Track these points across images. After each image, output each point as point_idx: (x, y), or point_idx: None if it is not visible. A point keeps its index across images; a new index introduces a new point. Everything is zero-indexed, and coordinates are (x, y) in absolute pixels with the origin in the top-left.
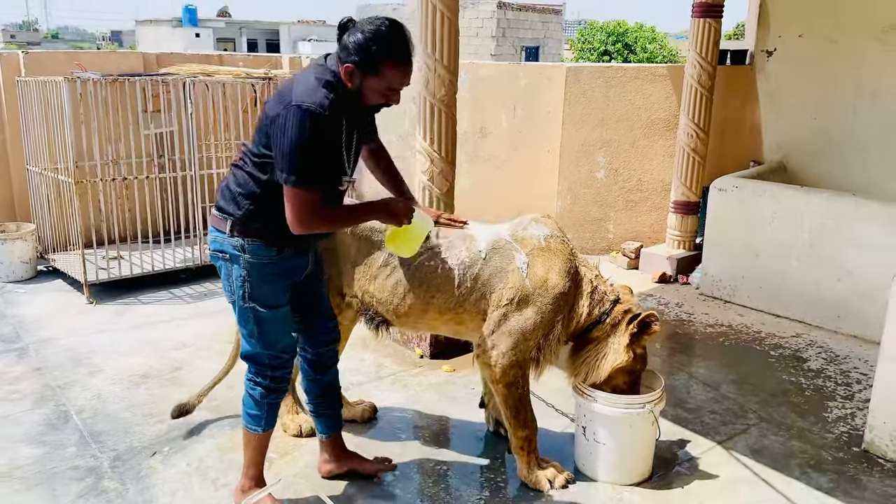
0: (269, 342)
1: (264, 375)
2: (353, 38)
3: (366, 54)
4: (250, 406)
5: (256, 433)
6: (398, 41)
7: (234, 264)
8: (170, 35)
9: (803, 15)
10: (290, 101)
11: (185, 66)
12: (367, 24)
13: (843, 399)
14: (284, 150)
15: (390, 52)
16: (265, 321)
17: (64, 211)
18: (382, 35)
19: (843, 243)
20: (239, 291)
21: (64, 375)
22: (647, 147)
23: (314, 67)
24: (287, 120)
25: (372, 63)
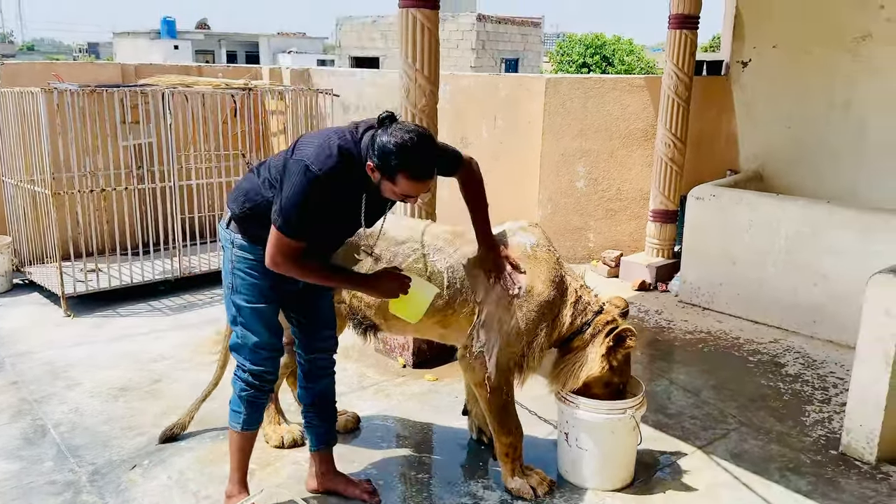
0: (248, 334)
1: (243, 369)
2: (382, 140)
3: (387, 162)
4: (233, 402)
5: (235, 430)
6: (420, 159)
7: (226, 254)
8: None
9: (777, 26)
10: (303, 153)
11: (164, 77)
12: (399, 131)
13: (821, 403)
14: (282, 199)
15: (409, 168)
16: (245, 313)
17: (41, 223)
18: (406, 150)
19: (819, 250)
20: (227, 279)
21: (41, 389)
22: (626, 157)
23: (347, 131)
24: (294, 174)
25: (390, 172)
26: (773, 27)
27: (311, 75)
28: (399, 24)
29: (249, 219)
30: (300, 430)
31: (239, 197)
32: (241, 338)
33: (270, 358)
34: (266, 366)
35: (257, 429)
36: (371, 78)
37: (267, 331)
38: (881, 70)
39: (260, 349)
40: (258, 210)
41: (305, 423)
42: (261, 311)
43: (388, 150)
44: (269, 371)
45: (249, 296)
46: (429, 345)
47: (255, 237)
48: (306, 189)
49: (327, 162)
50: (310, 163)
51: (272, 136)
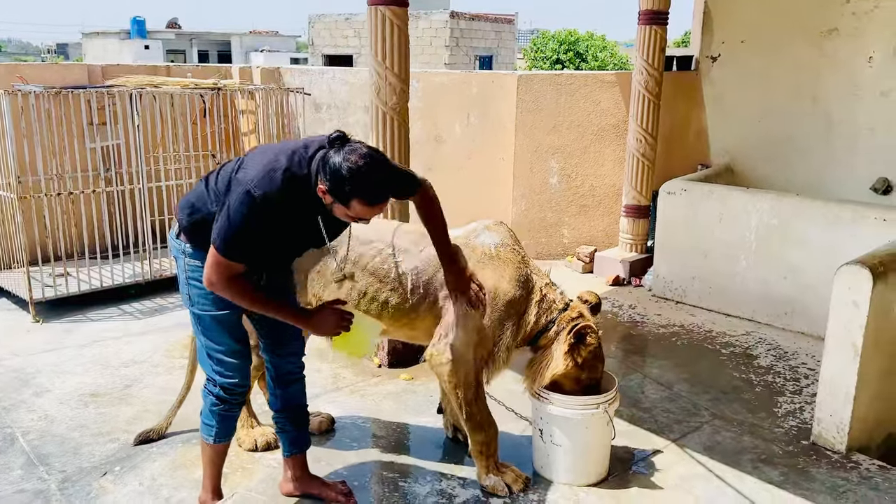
0: (211, 345)
1: (214, 383)
2: (334, 164)
3: (339, 187)
4: (205, 415)
5: (208, 443)
6: (373, 183)
7: (179, 265)
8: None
9: (746, 21)
10: (247, 174)
11: (132, 77)
12: (350, 153)
13: (792, 394)
14: (223, 221)
15: (362, 193)
16: (206, 323)
17: (7, 227)
18: (360, 176)
19: (789, 242)
20: (184, 291)
21: (8, 397)
22: (599, 153)
23: (297, 151)
24: (235, 196)
25: (343, 197)
26: (741, 22)
27: (281, 74)
28: (368, 21)
29: (197, 229)
30: (273, 433)
31: (185, 207)
32: (206, 349)
33: (239, 367)
34: (236, 377)
35: (230, 440)
36: (342, 76)
37: (231, 338)
38: (846, 64)
39: (227, 357)
40: (205, 222)
41: (277, 428)
42: (222, 318)
43: (340, 175)
44: (240, 383)
45: (208, 305)
46: (404, 345)
47: (205, 246)
48: (245, 213)
49: (270, 186)
50: (251, 187)
51: (243, 136)
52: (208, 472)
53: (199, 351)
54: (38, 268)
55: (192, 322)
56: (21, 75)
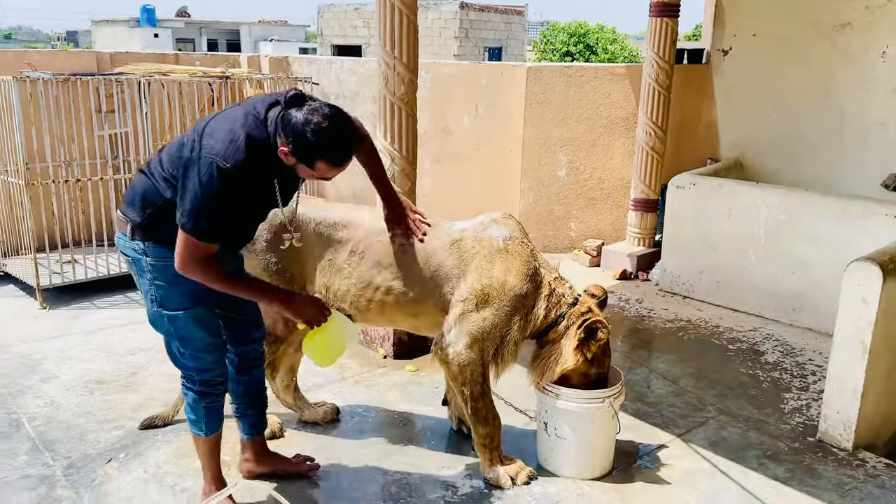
0: (185, 343)
1: (192, 380)
2: (295, 124)
3: (302, 147)
4: (188, 411)
5: (200, 437)
6: (337, 142)
7: (138, 267)
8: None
9: (757, 14)
10: (209, 147)
11: (141, 65)
12: (311, 113)
13: (799, 391)
14: (188, 199)
15: (326, 152)
16: (177, 322)
17: (15, 214)
18: (322, 133)
19: (798, 238)
20: (148, 295)
21: (15, 383)
22: (608, 146)
23: (249, 114)
24: (199, 170)
25: (307, 157)
26: (753, 15)
27: (290, 63)
28: (377, 10)
29: (154, 223)
30: (279, 423)
31: (136, 202)
32: (179, 348)
33: (217, 359)
34: (215, 369)
35: (221, 428)
36: (351, 66)
37: (206, 332)
38: (859, 58)
39: (204, 353)
40: (162, 212)
41: (237, 412)
42: (195, 313)
43: (304, 137)
44: (218, 374)
45: (176, 303)
46: (409, 336)
47: (166, 240)
48: (217, 187)
49: (236, 156)
50: (218, 160)
51: None
52: (207, 464)
53: (169, 352)
54: (45, 255)
55: (157, 325)
56: (30, 62)
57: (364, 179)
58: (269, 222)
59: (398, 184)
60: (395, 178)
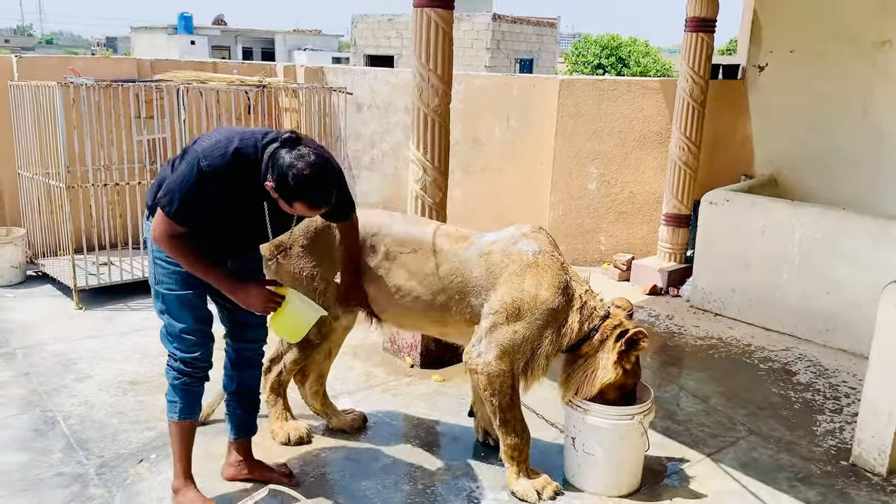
0: (173, 322)
1: (174, 357)
2: (281, 164)
3: (284, 188)
4: (168, 392)
5: (173, 420)
6: (317, 190)
7: (147, 248)
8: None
9: (795, 31)
10: (200, 145)
11: (180, 72)
12: (298, 159)
13: (832, 413)
14: (170, 184)
15: (305, 197)
16: (169, 302)
17: (55, 216)
18: (303, 179)
19: (834, 257)
20: (151, 271)
21: (51, 381)
22: (640, 160)
23: (251, 135)
24: (186, 162)
25: (287, 196)
26: (790, 31)
27: (324, 73)
28: (413, 23)
29: None
30: (307, 428)
31: (153, 189)
32: (167, 326)
33: (200, 344)
34: (196, 352)
35: (195, 418)
36: (384, 77)
37: (192, 317)
38: None
39: (187, 335)
40: None
41: (227, 410)
42: (184, 297)
43: (285, 179)
44: (200, 358)
45: (171, 283)
46: (437, 345)
47: None
48: (191, 181)
49: (217, 160)
50: (201, 157)
51: None
52: (178, 454)
53: (161, 329)
54: (82, 256)
55: (154, 301)
56: (73, 68)
57: (387, 187)
58: (304, 229)
59: (429, 194)
60: (426, 189)
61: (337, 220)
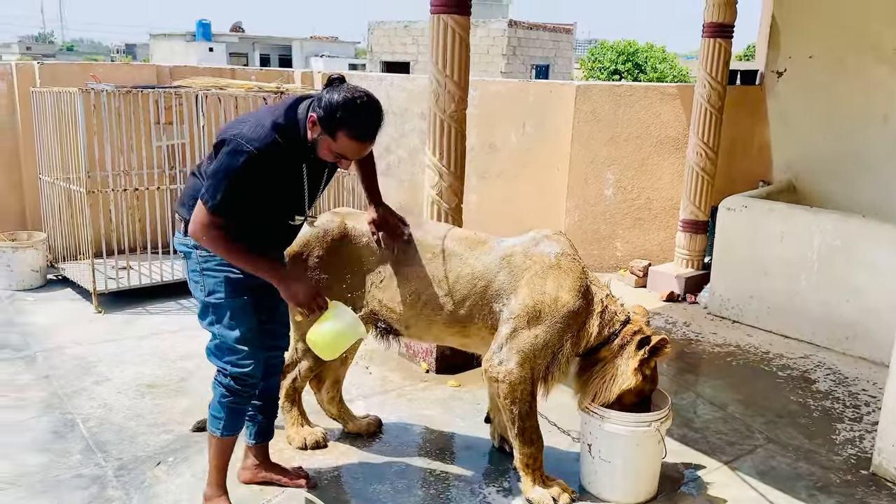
0: (227, 333)
1: (224, 373)
2: (329, 96)
3: (330, 116)
4: (213, 407)
5: (215, 436)
6: (364, 119)
7: (190, 261)
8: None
9: (814, 36)
10: (235, 134)
11: (198, 79)
12: (348, 90)
13: (852, 421)
14: (213, 175)
15: (351, 125)
16: (223, 311)
17: (75, 220)
18: (352, 107)
19: (853, 264)
20: (198, 285)
21: (71, 384)
22: (656, 165)
23: (280, 105)
24: (227, 151)
25: (332, 126)
26: (809, 37)
27: None
28: (430, 29)
29: None
30: (323, 433)
31: (187, 201)
32: (219, 338)
33: (252, 357)
34: (248, 366)
35: (237, 435)
36: (400, 83)
37: (247, 325)
38: None
39: (241, 346)
40: None
41: (248, 417)
42: (239, 305)
43: (334, 104)
44: (251, 374)
45: (226, 292)
46: (452, 351)
47: None
48: (237, 167)
49: (263, 139)
50: (244, 142)
51: None
52: (214, 465)
53: (210, 343)
54: (102, 260)
55: (202, 316)
56: (94, 74)
57: (402, 193)
58: (319, 238)
59: (445, 200)
60: (442, 195)
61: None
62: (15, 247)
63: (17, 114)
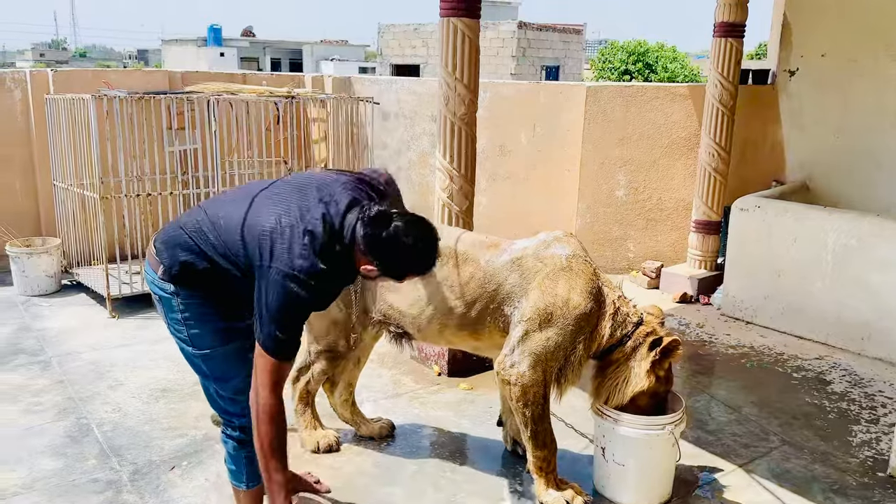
0: (223, 384)
1: (231, 426)
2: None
3: (393, 267)
4: (229, 462)
5: (240, 490)
6: (426, 256)
7: (167, 308)
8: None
9: (826, 35)
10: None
11: (210, 84)
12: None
13: (868, 423)
14: (272, 318)
15: (417, 268)
16: (212, 362)
17: (89, 226)
18: (413, 252)
19: (868, 265)
20: (180, 335)
21: (85, 388)
22: (668, 166)
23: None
24: (277, 286)
25: (397, 274)
26: (821, 36)
27: (352, 83)
28: (440, 32)
29: (189, 277)
30: (336, 436)
31: (177, 254)
32: (218, 392)
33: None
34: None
35: (262, 482)
36: (410, 86)
37: (242, 369)
38: None
39: (240, 394)
40: (202, 273)
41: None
42: (232, 350)
43: (395, 258)
44: None
45: (214, 340)
46: (464, 354)
47: (199, 287)
48: (298, 301)
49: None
50: (294, 272)
51: (313, 144)
52: None
53: (207, 395)
54: (115, 265)
55: (193, 366)
56: (107, 80)
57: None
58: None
59: (456, 202)
60: (453, 197)
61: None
62: (30, 252)
63: (31, 120)
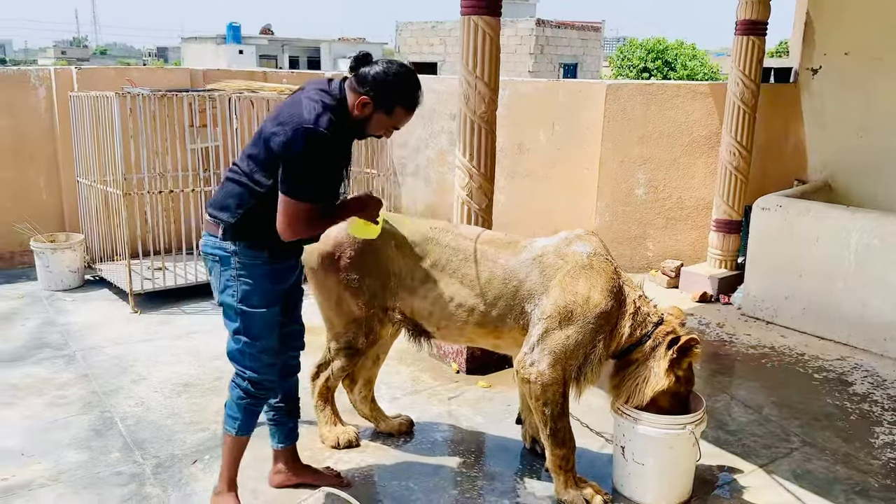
0: (251, 342)
1: (243, 377)
2: (375, 74)
3: (384, 93)
4: (230, 407)
5: (230, 434)
6: (415, 90)
7: (225, 265)
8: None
9: (849, 33)
10: (297, 123)
11: (231, 82)
12: (391, 64)
13: (890, 425)
14: (293, 169)
15: (406, 98)
16: (252, 320)
17: (112, 222)
18: (404, 80)
19: (891, 265)
20: (229, 290)
21: (109, 382)
22: (689, 165)
23: (313, 89)
24: (301, 142)
25: (388, 102)
26: (845, 34)
27: None
28: (461, 30)
29: (248, 223)
30: (355, 432)
31: (230, 205)
32: (244, 345)
33: (272, 364)
34: (268, 373)
35: (250, 435)
36: (428, 83)
37: (273, 335)
38: None
39: (263, 354)
40: (252, 210)
41: (272, 421)
42: (269, 315)
43: (386, 83)
44: (270, 379)
45: (259, 300)
46: (482, 351)
47: (255, 241)
48: (316, 149)
49: (322, 118)
50: (311, 125)
51: None
52: (227, 463)
53: (232, 347)
54: (138, 261)
55: (228, 319)
56: (130, 78)
57: (431, 194)
58: (353, 240)
59: (475, 200)
60: (472, 195)
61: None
62: (54, 248)
63: (56, 118)
